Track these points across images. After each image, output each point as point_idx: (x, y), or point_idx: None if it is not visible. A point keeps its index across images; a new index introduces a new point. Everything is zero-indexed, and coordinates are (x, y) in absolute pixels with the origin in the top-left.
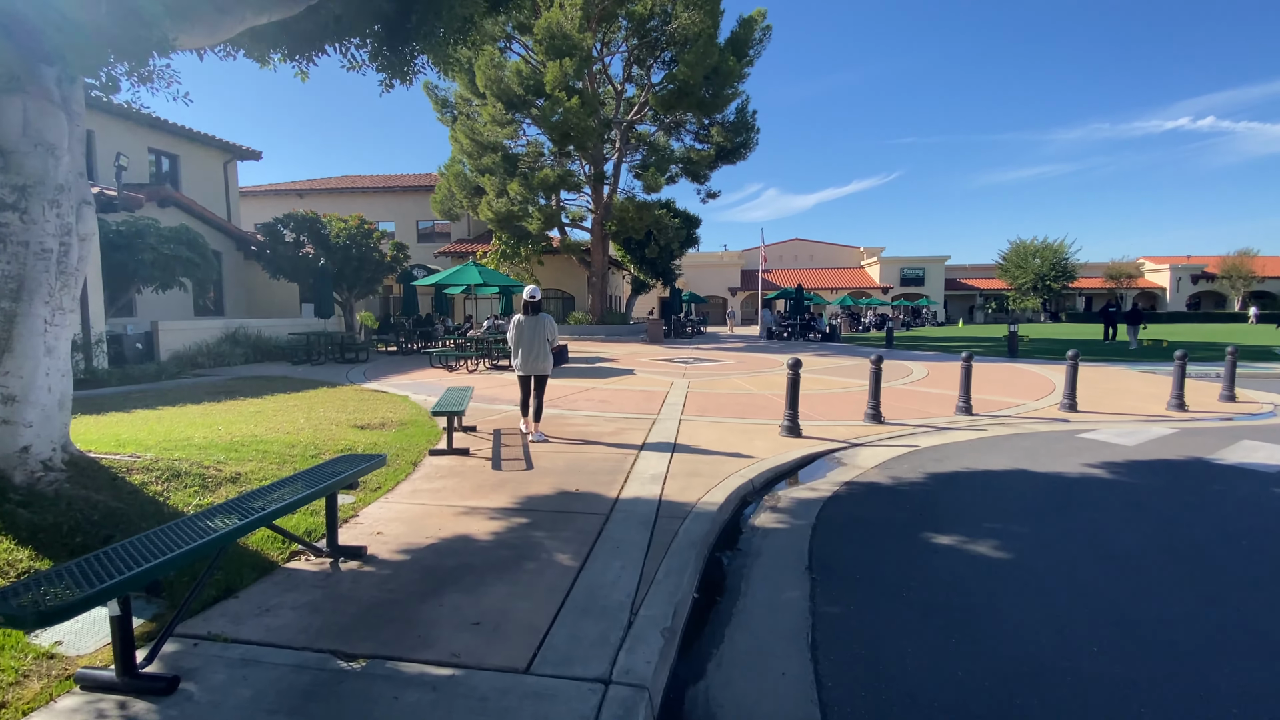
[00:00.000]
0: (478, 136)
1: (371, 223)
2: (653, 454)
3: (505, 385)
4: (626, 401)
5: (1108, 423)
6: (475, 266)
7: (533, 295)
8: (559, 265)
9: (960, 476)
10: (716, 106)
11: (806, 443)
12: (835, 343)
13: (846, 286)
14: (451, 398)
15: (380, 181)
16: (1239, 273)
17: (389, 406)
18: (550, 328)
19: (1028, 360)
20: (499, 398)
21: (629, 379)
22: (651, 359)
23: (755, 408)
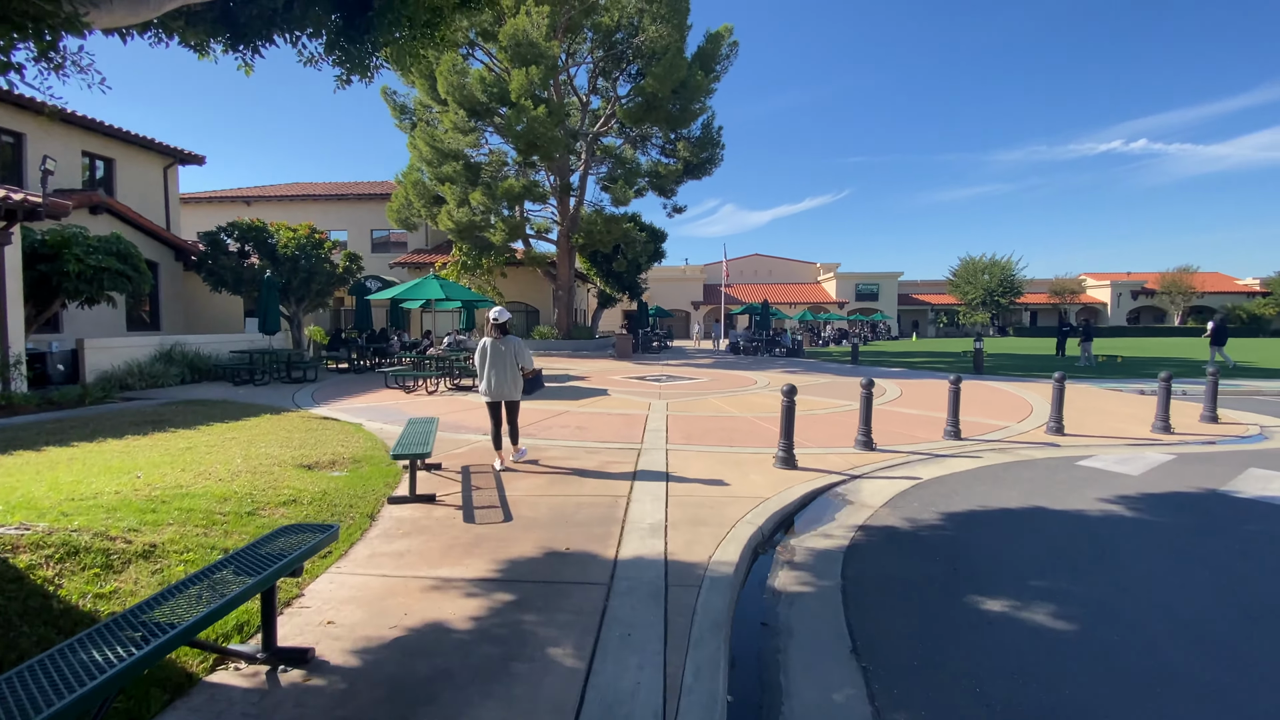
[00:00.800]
0: (438, 144)
1: (323, 232)
2: (645, 494)
3: (470, 409)
4: (605, 427)
5: (1099, 447)
6: (436, 279)
7: (498, 317)
8: (523, 278)
9: (979, 518)
10: (684, 121)
11: (804, 476)
12: (800, 358)
13: (804, 301)
14: (414, 435)
15: (333, 189)
16: (1178, 289)
17: (340, 438)
18: (521, 353)
19: (995, 378)
20: (464, 424)
21: (604, 400)
22: (623, 377)
23: (741, 433)
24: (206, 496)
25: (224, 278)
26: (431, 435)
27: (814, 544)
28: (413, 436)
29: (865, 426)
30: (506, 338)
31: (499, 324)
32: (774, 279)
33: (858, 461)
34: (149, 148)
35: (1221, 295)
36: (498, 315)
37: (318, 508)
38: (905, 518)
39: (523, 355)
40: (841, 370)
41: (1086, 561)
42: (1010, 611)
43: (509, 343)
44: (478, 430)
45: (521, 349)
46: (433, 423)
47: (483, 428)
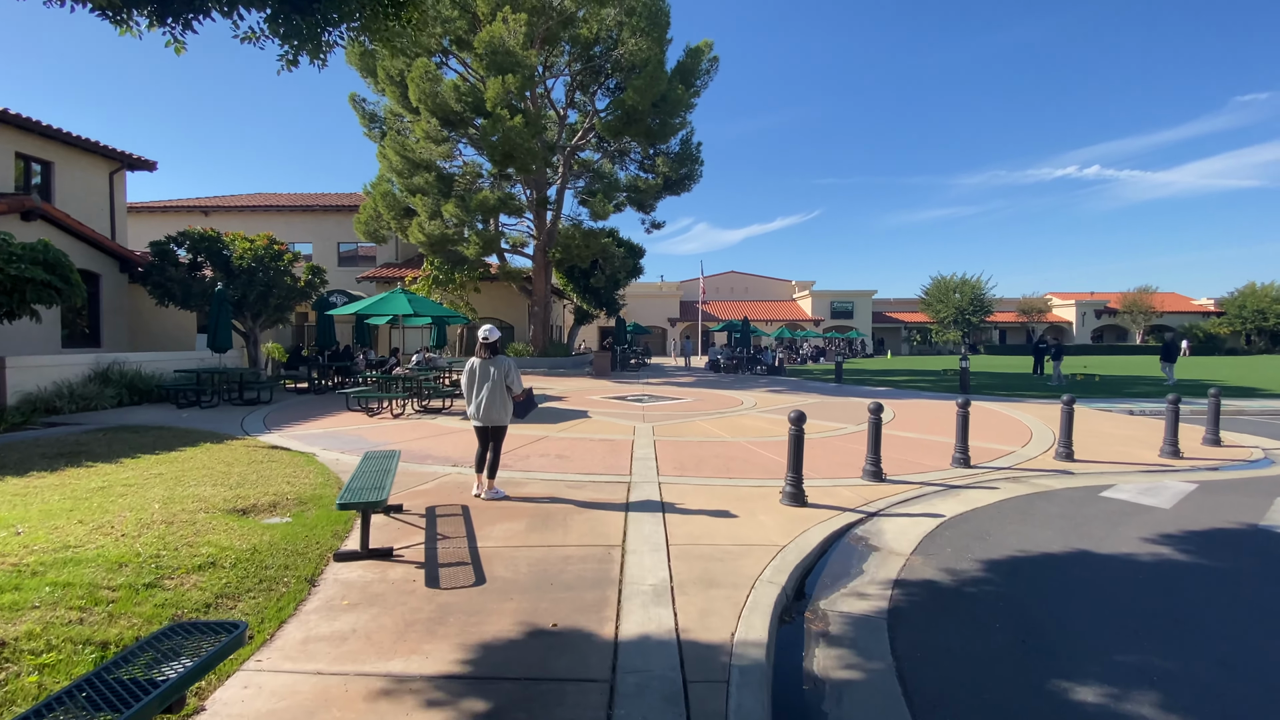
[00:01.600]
0: (409, 153)
1: (282, 243)
2: (642, 542)
3: (440, 434)
4: (590, 455)
5: (1114, 475)
6: (404, 294)
7: (488, 335)
8: (498, 293)
9: (1024, 567)
10: (664, 135)
11: (816, 515)
12: (783, 377)
13: (780, 319)
14: (369, 474)
15: (298, 200)
16: (1139, 308)
17: (287, 472)
18: (511, 375)
19: (982, 397)
20: (432, 453)
21: (585, 424)
22: (603, 397)
23: (737, 461)
24: (98, 561)
25: (171, 291)
26: (389, 474)
27: (849, 607)
28: (366, 477)
29: (874, 455)
30: (496, 358)
31: (488, 343)
32: (750, 296)
33: (870, 495)
34: (93, 151)
35: (1179, 315)
36: (487, 334)
37: (243, 572)
38: (943, 568)
39: (512, 377)
40: (826, 389)
41: (1167, 625)
42: (1111, 703)
43: (498, 363)
44: (446, 460)
45: (511, 370)
46: (392, 458)
47: (452, 457)
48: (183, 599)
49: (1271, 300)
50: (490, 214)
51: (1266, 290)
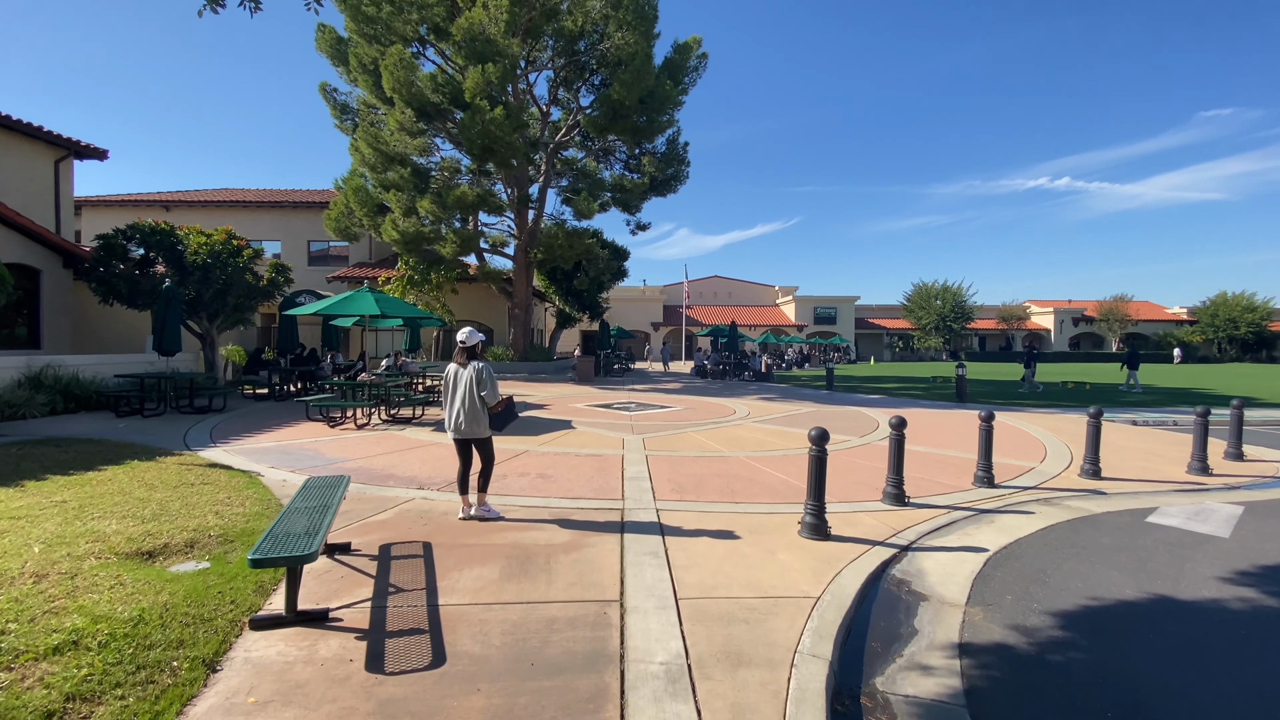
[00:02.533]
0: (382, 146)
1: (242, 238)
2: (646, 595)
3: (409, 448)
4: (574, 474)
5: (1148, 494)
6: (372, 293)
7: (464, 339)
8: (476, 295)
9: (1103, 620)
10: (650, 133)
11: (843, 551)
12: (771, 383)
13: (764, 324)
14: (303, 512)
15: (266, 195)
16: (1115, 316)
17: (220, 499)
18: (483, 382)
19: (979, 406)
20: (395, 473)
21: (569, 436)
22: (587, 404)
23: (741, 481)
24: None
25: (117, 288)
26: (329, 511)
27: (914, 688)
28: (299, 515)
29: (897, 476)
30: (471, 363)
31: (466, 347)
32: (733, 301)
33: (896, 523)
34: (35, 136)
35: (1153, 323)
36: (465, 337)
37: (115, 655)
38: (1011, 625)
39: (486, 385)
40: (819, 397)
41: None
42: None
43: (472, 369)
44: (410, 481)
45: (484, 377)
46: (337, 487)
47: (418, 477)
48: (10, 710)
49: (1243, 309)
50: (468, 211)
51: (1238, 299)
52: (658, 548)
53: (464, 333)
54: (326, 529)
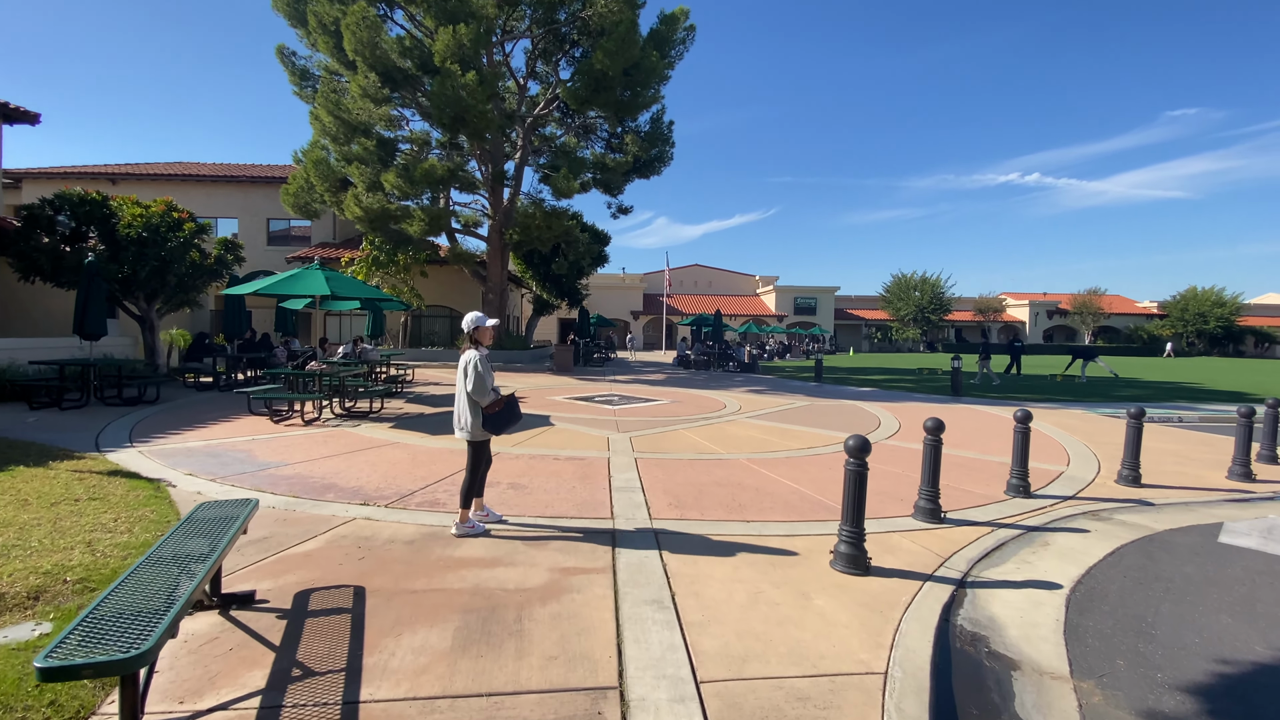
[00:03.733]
0: (344, 114)
1: (184, 211)
2: (655, 678)
3: (357, 451)
4: (553, 483)
5: (1198, 505)
6: (323, 271)
7: (469, 324)
8: (448, 279)
9: (1244, 691)
10: (634, 108)
11: (888, 589)
12: (757, 374)
13: (744, 313)
14: (162, 571)
15: (221, 170)
16: (1089, 309)
17: (104, 521)
18: (468, 373)
19: (978, 401)
20: (337, 482)
21: (547, 435)
22: (566, 397)
23: (746, 491)
24: None
25: (38, 263)
26: (208, 563)
27: None
28: (158, 572)
29: (932, 489)
30: (467, 352)
31: (467, 334)
32: (713, 290)
33: (937, 546)
34: None
35: (1125, 317)
36: (469, 323)
37: None
38: (1143, 711)
39: (471, 378)
40: (809, 390)
41: None
42: None
43: (463, 359)
44: (354, 494)
45: (470, 369)
46: (235, 519)
47: (364, 488)
48: None
49: (1212, 304)
50: (438, 187)
51: (1207, 294)
52: (662, 592)
53: (468, 318)
54: (187, 599)
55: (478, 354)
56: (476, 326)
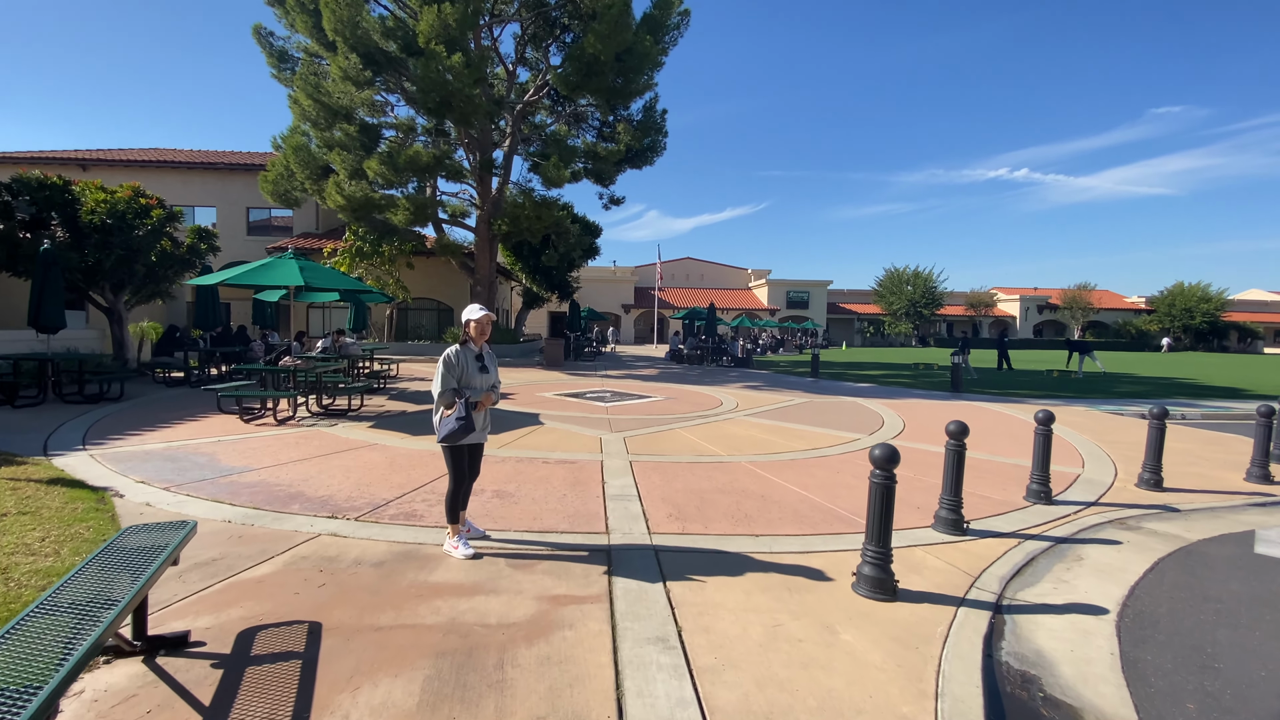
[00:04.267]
0: (324, 98)
1: (152, 197)
2: None
3: (332, 454)
4: (542, 491)
5: (1225, 510)
6: (297, 260)
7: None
8: (435, 271)
9: None
10: (627, 95)
11: (920, 617)
12: (751, 369)
13: (736, 307)
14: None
15: (199, 156)
16: (1079, 304)
17: (26, 541)
18: (439, 368)
19: (976, 397)
20: (306, 490)
21: (536, 435)
22: (556, 394)
23: (752, 498)
24: None
25: None
26: (114, 611)
27: None
28: (48, 625)
29: (954, 498)
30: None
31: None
32: (705, 284)
33: (964, 562)
34: None
35: (1114, 312)
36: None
37: None
38: None
39: (438, 370)
40: (806, 386)
41: None
42: None
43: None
44: (323, 504)
45: (439, 368)
46: (166, 545)
47: (335, 498)
48: None
49: (1199, 299)
50: (423, 175)
51: (1194, 290)
52: (666, 626)
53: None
54: (77, 663)
55: (451, 349)
56: (467, 320)
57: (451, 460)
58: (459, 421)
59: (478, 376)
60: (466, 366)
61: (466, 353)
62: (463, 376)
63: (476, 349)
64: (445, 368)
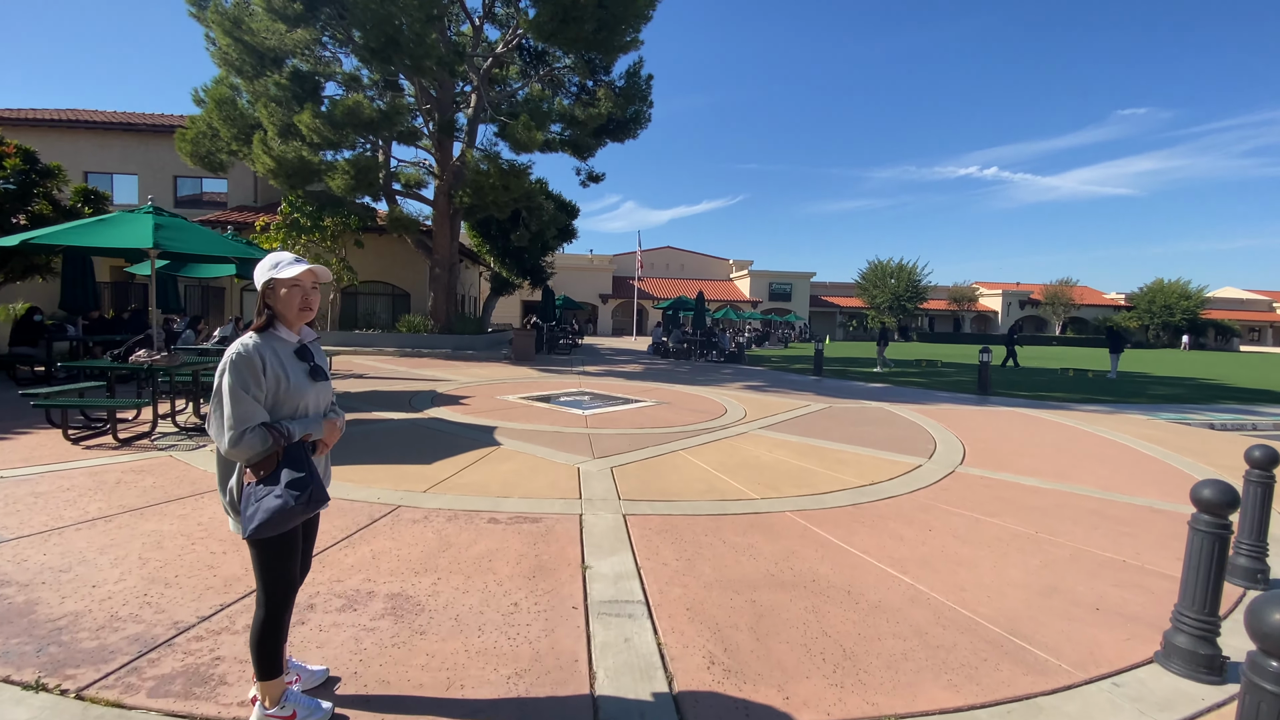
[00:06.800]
0: (247, 36)
1: (9, 144)
2: None
3: (154, 506)
4: (474, 599)
5: None
6: (156, 216)
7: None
8: (389, 250)
9: None
10: (608, 48)
11: None
12: (744, 365)
13: (718, 299)
14: None
15: (117, 117)
16: (1060, 300)
17: None
18: (223, 382)
19: (1006, 399)
20: (51, 594)
21: (486, 463)
22: (522, 397)
23: (834, 599)
24: None
25: None
26: None
27: None
28: None
29: (1213, 599)
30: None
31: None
32: (686, 274)
33: None
34: None
35: (1094, 308)
36: (259, 276)
37: None
38: None
39: (217, 402)
40: (812, 386)
41: None
42: None
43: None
44: (55, 639)
45: (219, 378)
46: None
47: (88, 621)
48: None
49: (1179, 296)
50: (366, 131)
51: (1174, 287)
52: None
53: (261, 265)
54: None
55: (250, 340)
56: (271, 281)
57: (276, 560)
58: (290, 491)
59: (308, 389)
60: (283, 373)
61: (275, 346)
62: (279, 392)
63: (295, 337)
64: (237, 379)
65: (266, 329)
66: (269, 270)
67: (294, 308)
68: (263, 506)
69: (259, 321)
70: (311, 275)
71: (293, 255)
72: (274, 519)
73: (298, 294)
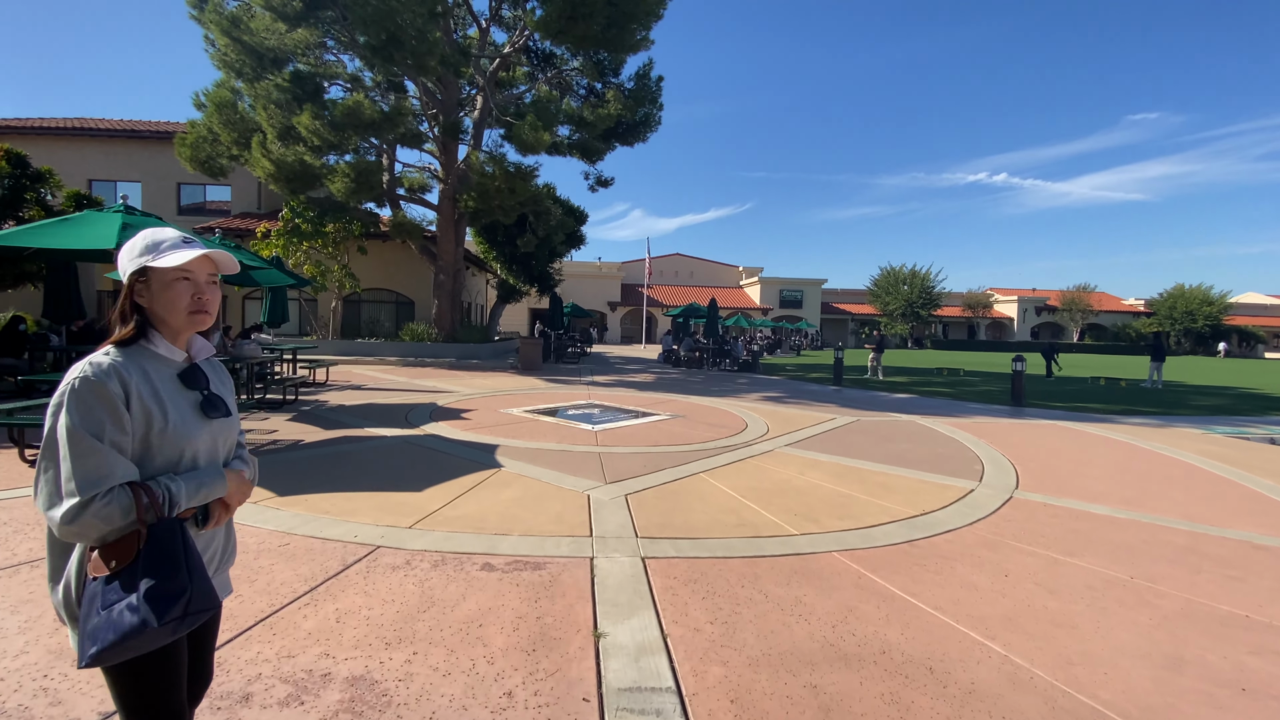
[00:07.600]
0: (246, 36)
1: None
2: None
3: None
4: (456, 687)
5: None
6: (126, 215)
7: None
8: (393, 256)
9: None
10: (618, 47)
11: None
12: (759, 374)
13: (728, 306)
14: None
15: (121, 125)
16: (1078, 306)
17: None
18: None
19: (1042, 412)
20: None
21: (484, 490)
22: (528, 410)
23: (915, 682)
24: None
25: None
26: None
27: None
28: None
29: None
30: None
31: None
32: (695, 281)
33: None
34: None
35: (1113, 314)
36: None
37: None
38: None
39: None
40: (834, 397)
41: None
42: None
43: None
44: None
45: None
46: None
47: None
48: None
49: (1200, 302)
50: (368, 133)
51: (1195, 292)
52: None
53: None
54: None
55: (102, 360)
56: (141, 269)
57: (145, 688)
58: (150, 605)
59: (199, 430)
60: (156, 407)
61: (148, 366)
62: (151, 435)
63: (181, 354)
64: (82, 419)
65: (134, 341)
66: (141, 255)
67: (180, 310)
68: (112, 623)
69: (124, 330)
70: (209, 263)
71: (182, 234)
72: (128, 642)
73: (187, 291)
